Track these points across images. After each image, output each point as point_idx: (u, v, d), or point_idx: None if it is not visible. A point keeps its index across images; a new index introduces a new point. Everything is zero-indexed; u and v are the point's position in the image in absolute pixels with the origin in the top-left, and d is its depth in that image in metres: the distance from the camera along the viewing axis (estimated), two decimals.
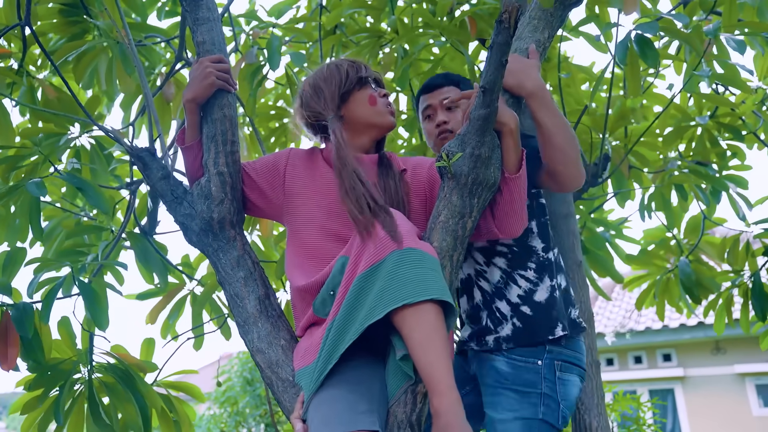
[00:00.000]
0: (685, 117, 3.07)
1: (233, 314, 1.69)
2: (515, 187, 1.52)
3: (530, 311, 1.72)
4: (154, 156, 1.76)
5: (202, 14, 1.75)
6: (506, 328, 1.72)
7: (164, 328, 2.72)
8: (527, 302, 1.73)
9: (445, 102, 1.91)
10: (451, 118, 1.92)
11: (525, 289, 1.75)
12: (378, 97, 1.72)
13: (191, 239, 1.72)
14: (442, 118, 1.92)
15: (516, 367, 1.67)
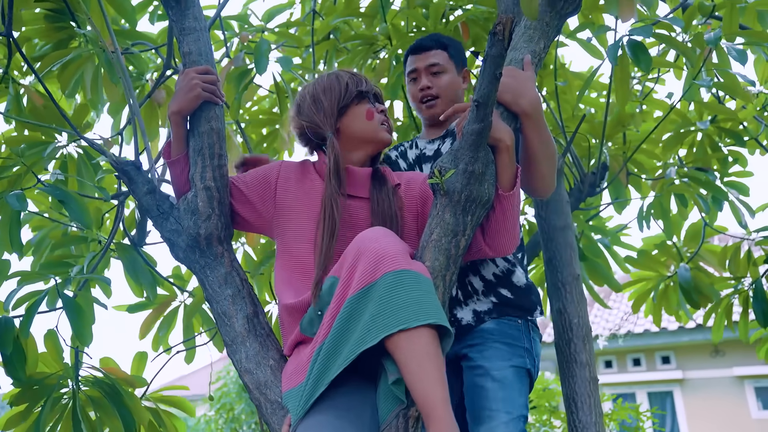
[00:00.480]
0: (685, 122, 3.03)
1: (221, 333, 1.64)
2: (509, 205, 1.47)
3: (510, 294, 1.77)
4: (139, 170, 1.71)
5: (189, 24, 1.70)
6: (482, 305, 1.77)
7: (155, 341, 2.67)
8: (505, 284, 1.78)
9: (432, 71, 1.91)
10: (435, 83, 1.91)
11: (503, 269, 1.79)
12: (375, 112, 1.69)
13: (178, 255, 1.67)
14: (426, 83, 1.91)
15: (501, 323, 1.74)
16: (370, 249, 1.34)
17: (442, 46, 1.95)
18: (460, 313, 1.77)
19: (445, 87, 1.91)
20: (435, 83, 1.91)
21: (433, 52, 1.94)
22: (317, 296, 1.45)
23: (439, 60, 1.93)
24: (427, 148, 1.94)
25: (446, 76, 1.93)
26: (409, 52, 1.99)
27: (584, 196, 2.40)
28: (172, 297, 2.69)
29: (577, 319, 1.96)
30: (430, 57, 1.93)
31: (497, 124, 1.47)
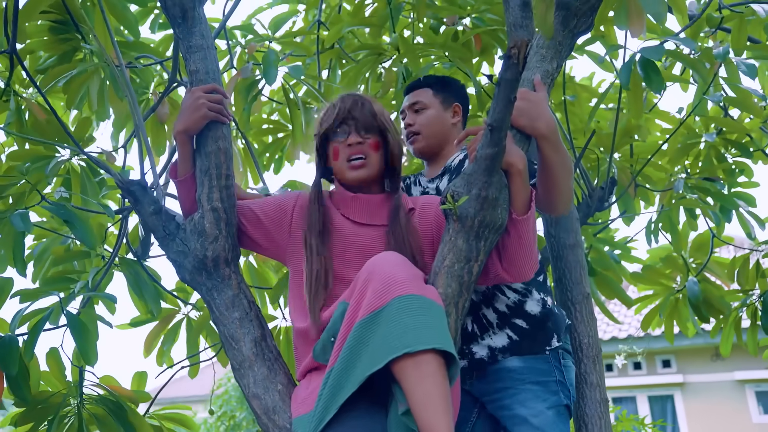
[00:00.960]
0: (692, 133, 3.00)
1: (228, 357, 1.61)
2: (524, 229, 1.45)
3: (526, 324, 1.73)
4: (145, 189, 1.68)
5: (196, 42, 1.67)
6: (498, 339, 1.72)
7: (159, 355, 2.64)
8: (519, 314, 1.74)
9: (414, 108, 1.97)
10: (416, 120, 1.96)
11: (514, 300, 1.76)
12: (343, 148, 1.64)
13: (184, 277, 1.65)
14: (408, 121, 1.97)
15: (527, 360, 1.69)
16: (380, 274, 1.32)
17: (426, 84, 2.01)
18: (475, 348, 1.74)
19: (426, 123, 1.95)
20: (416, 120, 1.96)
21: (417, 91, 2.00)
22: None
23: (421, 98, 1.98)
24: (429, 186, 1.94)
25: (428, 111, 1.96)
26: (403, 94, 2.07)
27: (593, 210, 2.38)
28: (175, 311, 2.66)
29: (587, 339, 1.94)
30: (413, 96, 2.00)
31: (510, 147, 1.44)
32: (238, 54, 3.04)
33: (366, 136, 1.63)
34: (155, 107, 2.29)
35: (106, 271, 2.29)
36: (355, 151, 1.63)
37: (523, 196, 1.45)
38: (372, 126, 1.63)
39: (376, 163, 1.64)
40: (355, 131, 1.63)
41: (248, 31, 2.77)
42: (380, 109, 1.67)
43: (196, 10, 1.68)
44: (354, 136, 1.62)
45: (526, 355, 1.70)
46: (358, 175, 1.62)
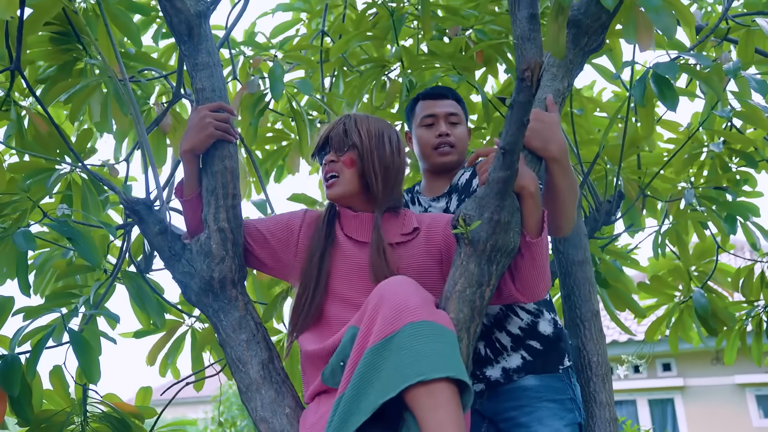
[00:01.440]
0: (696, 143, 2.98)
1: (235, 379, 1.59)
2: (538, 251, 1.43)
3: (540, 345, 1.73)
4: (150, 209, 1.66)
5: (202, 59, 1.65)
6: (512, 360, 1.71)
7: (162, 367, 2.62)
8: (533, 336, 1.73)
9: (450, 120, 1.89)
10: (453, 132, 1.88)
11: (527, 321, 1.75)
12: (323, 168, 1.65)
13: (190, 298, 1.63)
14: (445, 130, 1.87)
15: (543, 378, 1.69)
16: (391, 299, 1.30)
17: (456, 98, 1.94)
18: (490, 371, 1.73)
19: (461, 138, 1.90)
20: (453, 132, 1.89)
21: (450, 101, 1.92)
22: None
23: (456, 111, 1.91)
24: (433, 206, 1.90)
25: (462, 127, 1.92)
26: (422, 97, 1.95)
27: (600, 224, 2.36)
28: (179, 322, 2.64)
29: (596, 357, 1.92)
30: (449, 105, 1.91)
31: (522, 170, 1.42)
32: (241, 63, 3.02)
33: (339, 154, 1.62)
34: (158, 121, 2.27)
35: (108, 286, 2.27)
36: (329, 169, 1.63)
37: (536, 218, 1.43)
38: (344, 143, 1.61)
39: (349, 179, 1.61)
40: (332, 151, 1.63)
41: (250, 43, 2.75)
42: (363, 125, 1.63)
43: (202, 26, 1.66)
44: (330, 155, 1.63)
45: (541, 373, 1.69)
46: (331, 193, 1.62)
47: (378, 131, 1.63)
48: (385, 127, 1.66)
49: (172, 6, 1.63)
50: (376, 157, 1.60)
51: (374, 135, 1.62)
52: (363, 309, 1.38)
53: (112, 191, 1.78)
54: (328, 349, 1.48)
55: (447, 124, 1.89)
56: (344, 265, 1.59)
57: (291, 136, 3.14)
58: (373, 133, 1.62)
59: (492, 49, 2.74)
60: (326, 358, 1.48)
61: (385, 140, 1.63)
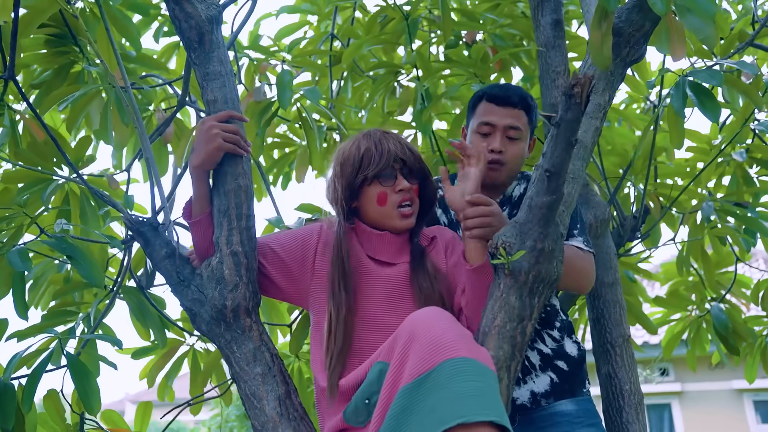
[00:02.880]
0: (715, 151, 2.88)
1: (249, 416, 1.47)
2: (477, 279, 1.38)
3: (566, 366, 1.67)
4: (157, 231, 1.53)
5: (213, 68, 1.52)
6: (540, 382, 1.64)
7: (161, 389, 2.49)
8: (561, 356, 1.68)
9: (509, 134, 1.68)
10: (508, 149, 1.68)
11: (552, 346, 1.69)
12: (392, 193, 1.50)
13: (200, 328, 1.50)
14: (499, 146, 1.66)
15: (578, 402, 1.65)
16: (425, 333, 1.19)
17: (526, 107, 1.70)
18: (516, 393, 1.64)
19: (516, 157, 1.70)
20: (508, 149, 1.68)
21: (517, 111, 1.69)
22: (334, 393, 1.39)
23: (519, 124, 1.69)
24: None
25: (520, 144, 1.70)
26: (487, 97, 1.71)
27: (624, 240, 2.25)
28: (180, 342, 2.51)
29: (629, 386, 1.81)
30: (513, 117, 1.68)
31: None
32: (245, 67, 2.89)
33: (413, 182, 1.53)
34: (161, 130, 2.14)
35: (109, 304, 2.15)
36: (406, 198, 1.51)
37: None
38: (418, 170, 1.54)
39: (417, 209, 1.54)
40: (402, 175, 1.51)
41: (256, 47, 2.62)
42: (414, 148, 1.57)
43: (213, 33, 1.53)
44: (403, 181, 1.51)
45: (568, 397, 1.64)
46: (408, 223, 1.52)
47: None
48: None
49: (181, 10, 1.50)
50: (435, 186, 1.57)
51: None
52: (391, 343, 1.27)
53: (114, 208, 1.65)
54: (351, 385, 1.36)
55: (504, 138, 1.67)
56: (368, 285, 1.49)
57: (296, 141, 3.02)
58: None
59: (508, 55, 2.63)
60: (348, 393, 1.37)
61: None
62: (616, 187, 2.09)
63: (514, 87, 1.74)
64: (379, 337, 1.42)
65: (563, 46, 2.13)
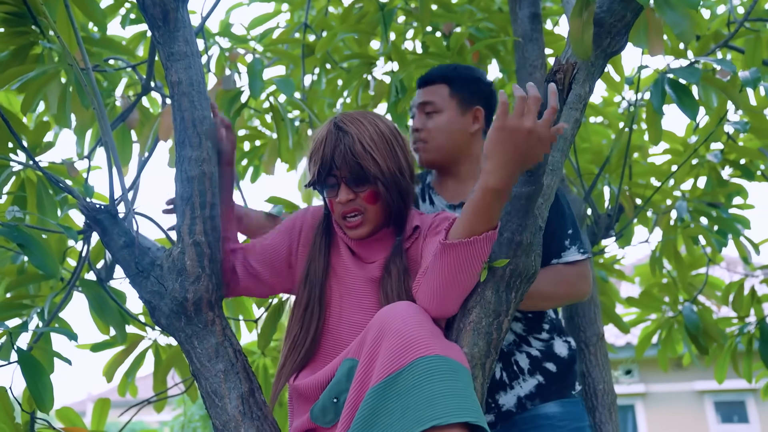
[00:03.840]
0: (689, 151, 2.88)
1: (209, 414, 1.40)
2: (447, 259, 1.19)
3: (555, 368, 1.60)
4: (115, 219, 1.45)
5: (178, 48, 1.44)
6: (527, 386, 1.57)
7: (122, 386, 2.39)
8: (550, 357, 1.61)
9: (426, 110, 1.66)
10: (425, 125, 1.65)
11: (540, 348, 1.62)
12: (335, 204, 1.37)
13: (159, 321, 1.42)
14: (415, 124, 1.67)
15: (564, 404, 1.58)
16: (396, 330, 1.13)
17: (444, 79, 1.68)
18: (503, 399, 1.57)
19: (437, 130, 1.64)
20: (425, 124, 1.65)
21: (432, 87, 1.68)
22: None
23: (434, 98, 1.66)
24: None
25: (440, 117, 1.65)
26: (416, 86, 1.76)
27: (599, 239, 2.22)
28: (141, 336, 2.41)
29: (602, 385, 1.78)
30: (427, 93, 1.68)
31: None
32: (216, 56, 2.80)
33: (358, 190, 1.35)
34: (124, 116, 2.04)
35: (65, 297, 2.04)
36: (349, 209, 1.36)
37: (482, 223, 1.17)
38: (362, 177, 1.34)
39: (375, 215, 1.38)
40: (345, 185, 1.36)
41: (227, 34, 2.53)
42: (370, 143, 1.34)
43: (179, 11, 1.45)
44: (344, 192, 1.35)
45: (555, 399, 1.57)
46: (358, 234, 1.38)
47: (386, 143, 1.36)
48: (386, 131, 1.38)
49: None
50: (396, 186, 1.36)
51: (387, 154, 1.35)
52: (361, 339, 1.21)
53: (70, 195, 1.56)
54: (319, 382, 1.30)
55: (421, 116, 1.66)
56: (342, 284, 1.41)
57: (267, 134, 2.93)
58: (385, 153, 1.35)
59: (486, 48, 2.59)
60: (317, 392, 1.30)
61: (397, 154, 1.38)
62: (592, 185, 2.06)
63: (437, 67, 1.73)
64: (348, 335, 1.36)
65: (541, 39, 2.09)
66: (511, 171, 1.12)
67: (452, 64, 1.76)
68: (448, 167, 1.68)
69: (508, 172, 1.12)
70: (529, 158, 1.12)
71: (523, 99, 1.09)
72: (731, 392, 9.73)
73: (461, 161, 1.66)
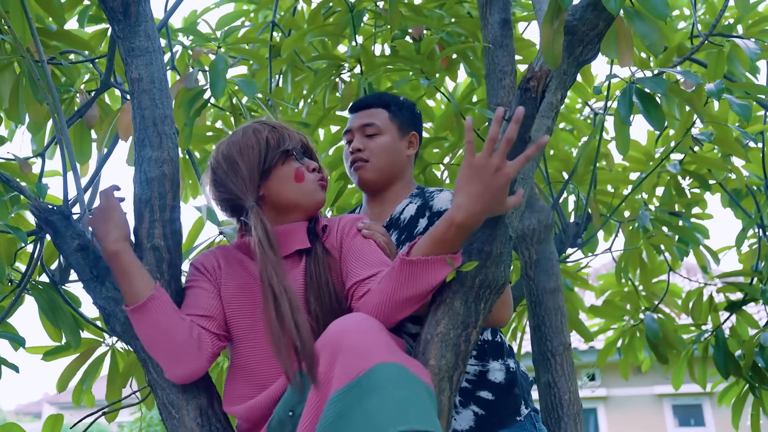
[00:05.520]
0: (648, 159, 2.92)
1: (166, 427, 1.34)
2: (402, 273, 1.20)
3: (492, 395, 1.51)
4: (68, 220, 1.38)
5: (140, 43, 1.38)
6: (463, 420, 1.49)
7: (76, 394, 2.30)
8: (483, 386, 1.52)
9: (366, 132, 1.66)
10: (367, 146, 1.66)
11: (474, 372, 1.54)
12: (306, 171, 1.40)
13: (114, 329, 1.36)
14: (356, 144, 1.66)
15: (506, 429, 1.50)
16: (352, 344, 1.08)
17: (382, 104, 1.71)
18: None
19: (379, 151, 1.65)
20: (367, 145, 1.65)
21: (370, 111, 1.70)
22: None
23: (375, 120, 1.68)
24: None
25: (382, 138, 1.66)
26: (348, 111, 1.77)
27: (566, 247, 2.22)
28: (98, 342, 2.32)
29: (568, 396, 1.77)
30: (366, 116, 1.69)
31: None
32: (179, 54, 2.72)
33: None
34: (82, 112, 1.96)
35: (14, 300, 1.96)
36: (323, 176, 1.44)
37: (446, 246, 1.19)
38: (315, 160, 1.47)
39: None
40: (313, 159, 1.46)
41: (191, 32, 2.46)
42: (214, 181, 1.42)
43: (141, 4, 1.39)
44: (312, 161, 1.44)
45: (498, 431, 1.48)
46: (324, 196, 1.42)
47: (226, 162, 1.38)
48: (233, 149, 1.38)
49: None
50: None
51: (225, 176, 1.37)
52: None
53: (21, 194, 1.48)
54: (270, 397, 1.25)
55: (362, 138, 1.67)
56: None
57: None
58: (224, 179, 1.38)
59: (456, 52, 2.57)
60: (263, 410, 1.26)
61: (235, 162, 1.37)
62: (560, 193, 2.06)
63: (372, 94, 1.77)
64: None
65: (511, 45, 2.08)
66: (479, 207, 1.14)
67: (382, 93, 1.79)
68: (381, 189, 1.68)
69: (478, 207, 1.14)
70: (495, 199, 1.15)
71: (493, 141, 1.13)
72: (689, 396, 9.96)
73: (393, 184, 1.68)
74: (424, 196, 1.63)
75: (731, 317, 3.02)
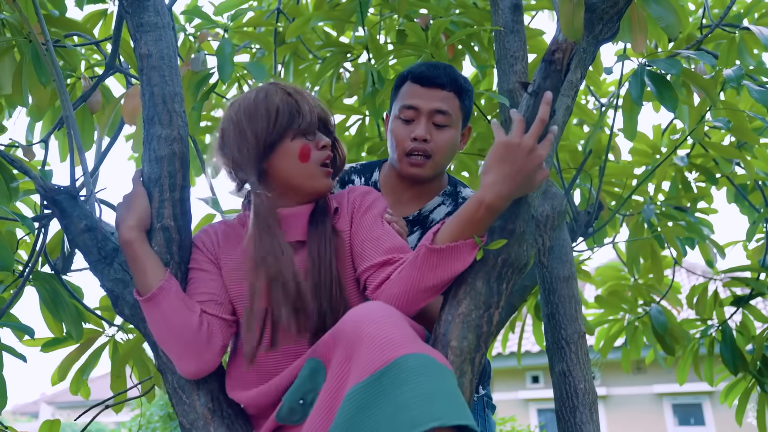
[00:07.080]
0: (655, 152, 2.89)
1: (176, 412, 1.30)
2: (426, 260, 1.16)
3: None
4: (75, 200, 1.34)
5: (149, 18, 1.35)
6: None
7: (75, 384, 2.25)
8: None
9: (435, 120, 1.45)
10: (435, 137, 1.45)
11: None
12: (315, 150, 1.30)
13: (123, 312, 1.32)
14: (423, 133, 1.43)
15: None
16: (372, 332, 1.03)
17: (458, 89, 1.47)
18: None
19: (444, 147, 1.47)
20: (435, 137, 1.45)
21: (444, 93, 1.46)
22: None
23: (449, 108, 1.46)
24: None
25: (449, 132, 1.47)
26: (412, 78, 1.49)
27: (577, 236, 2.19)
28: (98, 332, 2.28)
29: (583, 384, 1.73)
30: (440, 100, 1.45)
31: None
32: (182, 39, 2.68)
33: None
34: (87, 96, 1.92)
35: (17, 291, 1.91)
36: (329, 156, 1.32)
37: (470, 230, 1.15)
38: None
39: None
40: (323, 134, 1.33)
41: (196, 14, 2.42)
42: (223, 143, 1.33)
43: None
44: (324, 137, 1.32)
45: None
46: (331, 184, 1.33)
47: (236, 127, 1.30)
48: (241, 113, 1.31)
49: None
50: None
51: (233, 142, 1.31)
52: (328, 340, 1.11)
53: (26, 176, 1.44)
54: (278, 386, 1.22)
55: (429, 124, 1.44)
56: None
57: None
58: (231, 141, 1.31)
59: (461, 43, 2.54)
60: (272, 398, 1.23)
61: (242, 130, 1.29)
62: (572, 180, 2.03)
63: (444, 65, 1.50)
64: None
65: (522, 30, 2.05)
66: (509, 189, 1.12)
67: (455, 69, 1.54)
68: (423, 183, 1.54)
69: (506, 188, 1.12)
70: (527, 180, 1.13)
71: (522, 121, 1.12)
72: (689, 395, 9.97)
73: (436, 178, 1.54)
74: (456, 201, 1.54)
75: (736, 313, 3.00)
